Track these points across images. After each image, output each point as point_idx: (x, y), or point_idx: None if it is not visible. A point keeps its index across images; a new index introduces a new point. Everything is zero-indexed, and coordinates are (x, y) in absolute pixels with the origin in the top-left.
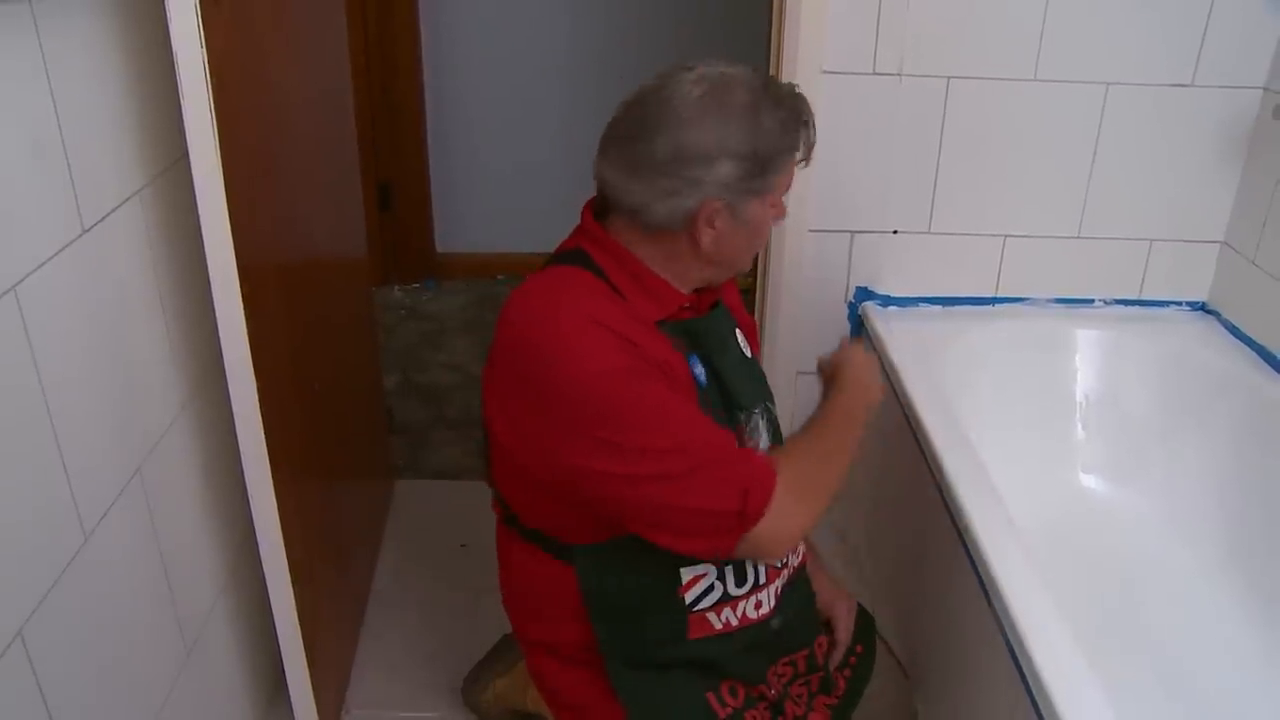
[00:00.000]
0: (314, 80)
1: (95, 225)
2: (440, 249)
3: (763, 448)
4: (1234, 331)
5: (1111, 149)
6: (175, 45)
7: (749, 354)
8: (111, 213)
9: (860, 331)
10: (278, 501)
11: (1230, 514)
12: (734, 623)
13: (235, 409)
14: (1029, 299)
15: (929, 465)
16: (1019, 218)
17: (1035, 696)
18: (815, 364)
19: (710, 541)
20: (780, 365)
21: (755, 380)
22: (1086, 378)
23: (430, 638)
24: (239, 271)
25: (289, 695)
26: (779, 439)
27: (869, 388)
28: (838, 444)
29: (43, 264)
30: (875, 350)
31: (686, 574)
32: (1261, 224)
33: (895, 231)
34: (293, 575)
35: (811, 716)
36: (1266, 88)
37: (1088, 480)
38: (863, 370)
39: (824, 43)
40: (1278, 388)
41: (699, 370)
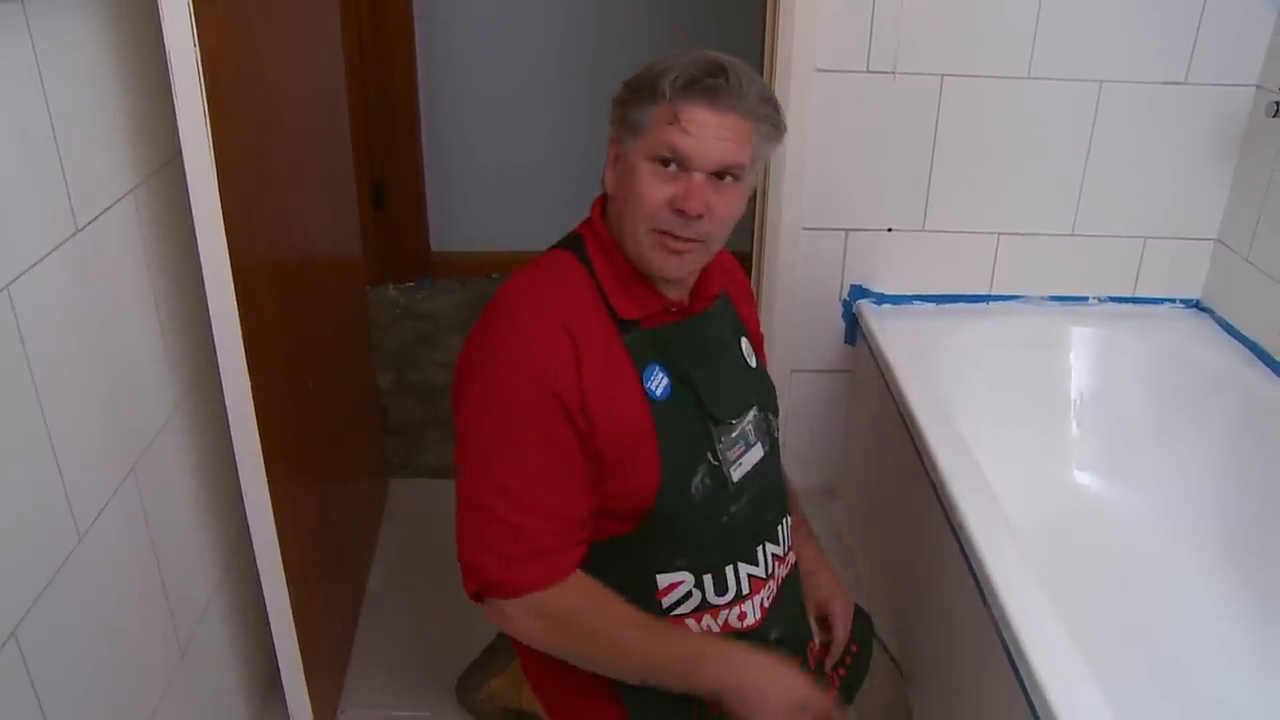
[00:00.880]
0: (308, 79)
1: (88, 224)
2: (435, 248)
3: (748, 457)
4: (1227, 329)
5: (1105, 147)
6: (168, 44)
7: (754, 364)
8: (105, 212)
9: (855, 329)
10: (272, 501)
11: (1224, 511)
12: (715, 630)
13: (229, 408)
14: (1023, 296)
15: (924, 463)
16: (1013, 215)
17: (1030, 693)
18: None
19: (464, 572)
20: (775, 364)
21: (747, 390)
22: (1081, 375)
23: (425, 637)
24: (233, 270)
25: (283, 694)
26: (775, 448)
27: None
28: (640, 663)
29: (36, 263)
30: (870, 349)
31: (662, 580)
32: (1255, 221)
33: (890, 229)
34: (287, 574)
35: None
36: (1260, 85)
37: (1082, 477)
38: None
39: (818, 41)
40: (1271, 385)
41: (658, 382)
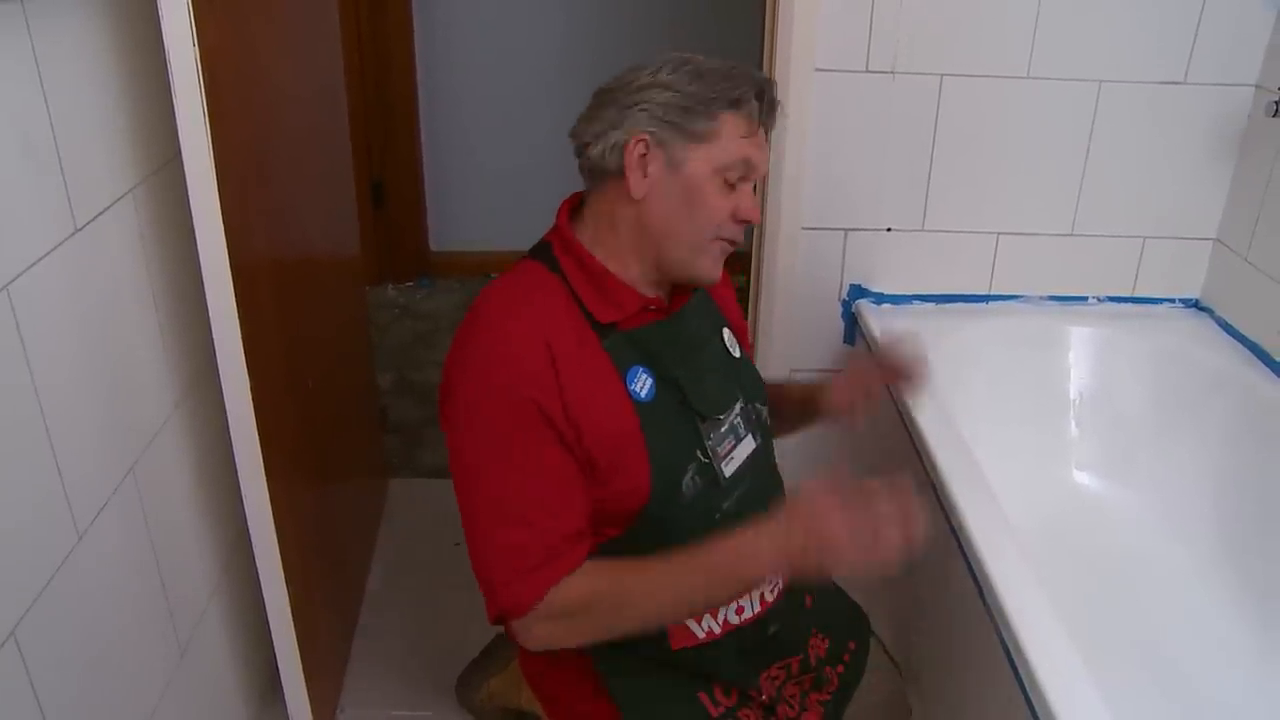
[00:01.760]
0: (307, 78)
1: (88, 224)
2: (434, 247)
3: (739, 451)
4: (1227, 329)
5: (1105, 146)
6: (167, 44)
7: (737, 353)
8: (104, 211)
9: (854, 329)
10: (271, 500)
11: (1224, 511)
12: (716, 630)
13: (229, 408)
14: (1022, 296)
15: (923, 462)
16: (1012, 215)
17: (1029, 693)
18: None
19: (484, 595)
20: (774, 364)
21: (733, 382)
22: (1080, 375)
23: (424, 637)
24: (232, 270)
25: (283, 694)
26: (768, 438)
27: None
28: (681, 596)
29: (35, 263)
30: (870, 348)
31: None
32: (1254, 221)
33: (889, 229)
34: (286, 574)
35: (805, 716)
36: (1259, 85)
37: (1081, 477)
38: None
39: (817, 41)
40: (1271, 385)
41: (642, 384)
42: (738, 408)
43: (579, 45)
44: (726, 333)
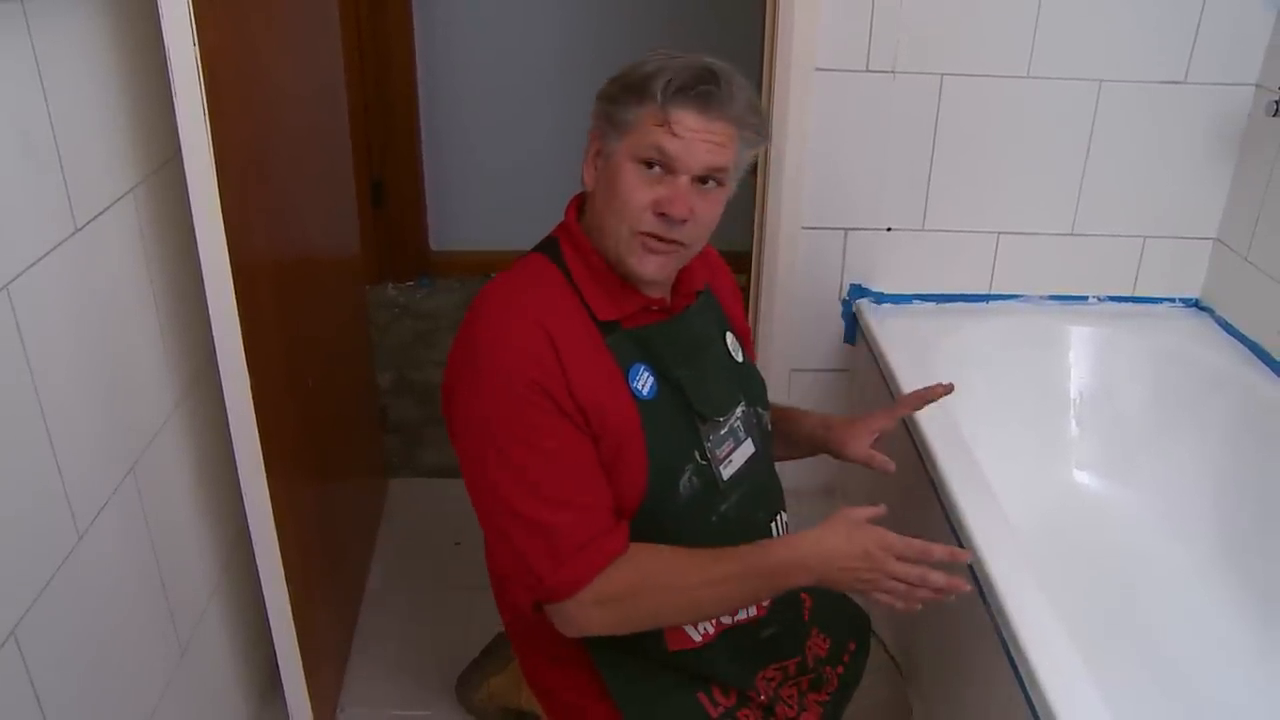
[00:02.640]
0: (307, 77)
1: (88, 224)
2: (434, 246)
3: (738, 454)
4: (1227, 328)
5: (1105, 146)
6: (167, 43)
7: (740, 358)
8: (104, 211)
9: (854, 328)
10: (271, 500)
11: (1224, 510)
12: (711, 631)
13: (229, 407)
14: (1023, 296)
15: (924, 462)
16: (1013, 215)
17: (1030, 692)
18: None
19: (518, 588)
20: (774, 363)
21: (736, 385)
22: (1080, 374)
23: (424, 636)
24: (232, 270)
25: (283, 693)
26: (768, 443)
27: (831, 563)
28: (724, 592)
29: (35, 263)
30: (870, 348)
31: None
32: (1254, 221)
33: (889, 229)
34: (286, 574)
35: (804, 717)
36: (1259, 84)
37: (1081, 477)
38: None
39: (817, 40)
40: (1270, 384)
41: (644, 382)
42: (739, 411)
43: (579, 45)
44: (730, 337)
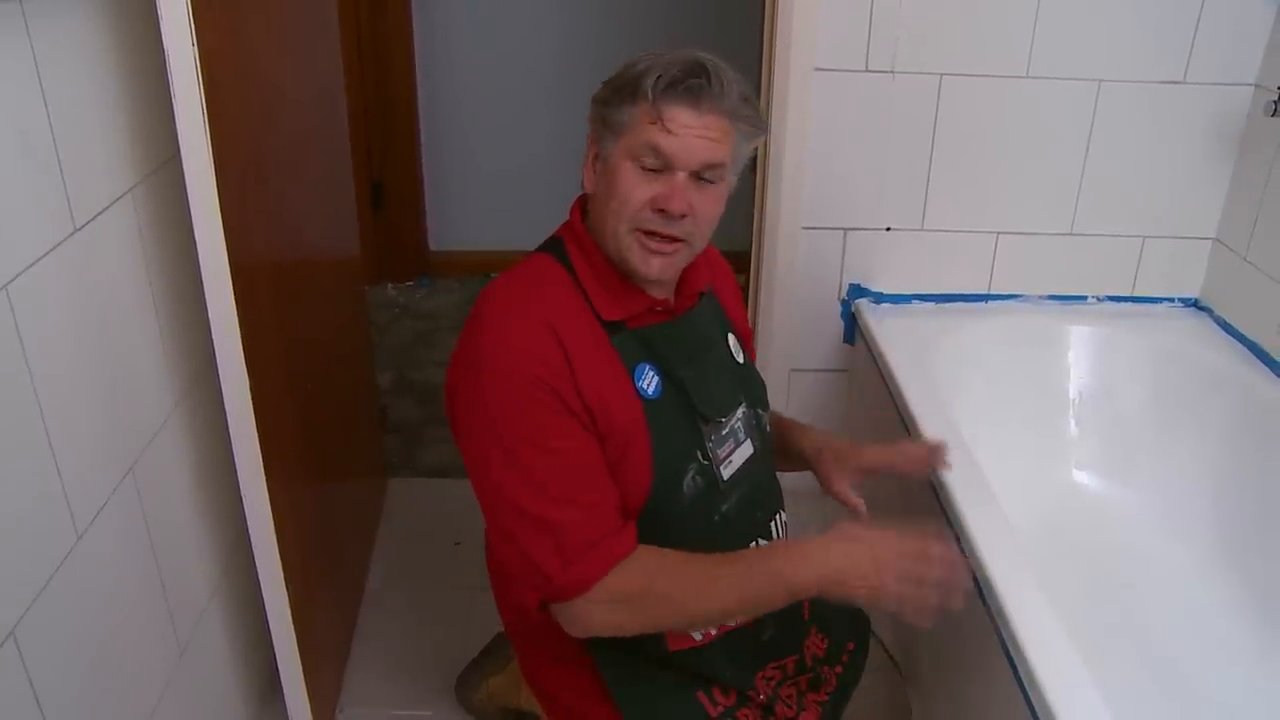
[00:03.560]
0: (306, 78)
1: (87, 224)
2: (433, 247)
3: (738, 455)
4: (1226, 328)
5: (1104, 146)
6: (166, 44)
7: (742, 359)
8: (103, 211)
9: (853, 328)
10: (271, 500)
11: (1223, 510)
12: (713, 631)
13: (228, 408)
14: (1022, 296)
15: None
16: (1012, 214)
17: (1029, 692)
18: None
19: (525, 587)
20: (773, 363)
21: (737, 387)
22: (1079, 374)
23: (424, 636)
24: (231, 270)
25: (283, 694)
26: (767, 444)
27: (851, 578)
28: (733, 594)
29: (34, 263)
30: (869, 348)
31: None
32: (1253, 220)
33: (888, 229)
34: (286, 574)
35: (803, 716)
36: (1258, 84)
37: (1081, 476)
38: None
39: (816, 40)
40: (1269, 384)
41: (649, 381)
42: (740, 412)
43: (578, 46)
44: (732, 338)
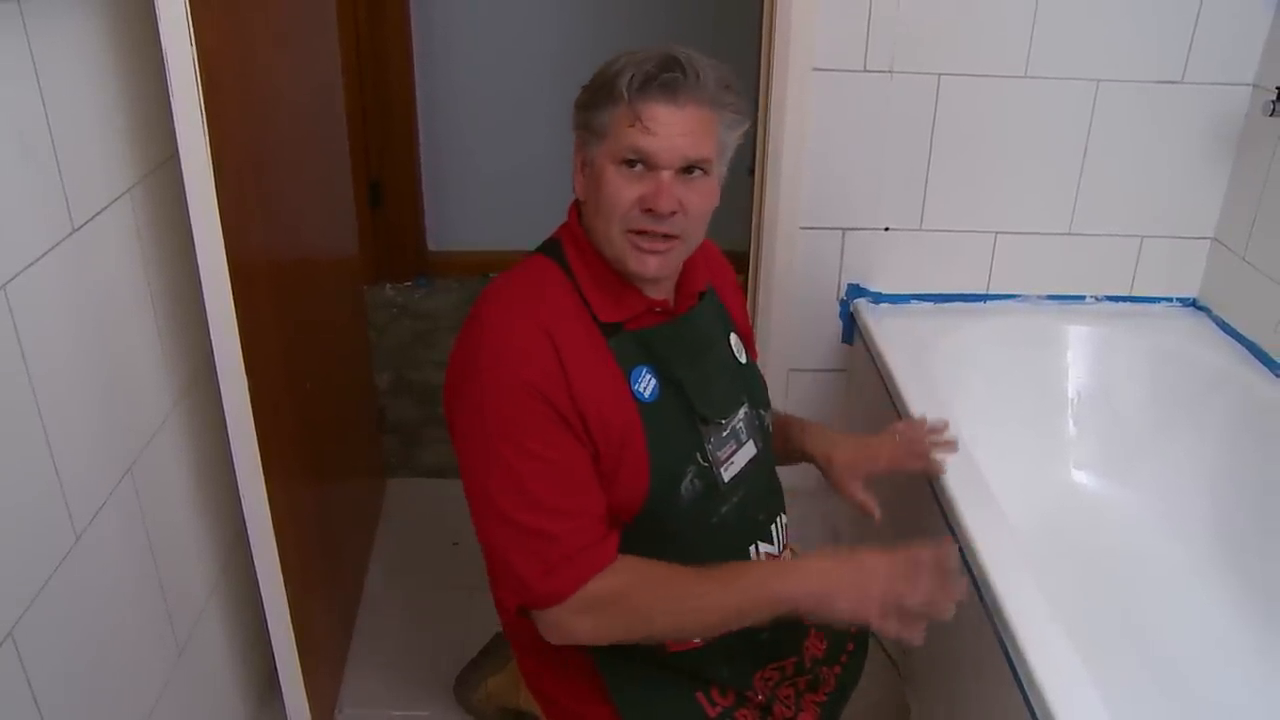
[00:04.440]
0: (305, 78)
1: (85, 224)
2: (432, 247)
3: (740, 456)
4: (1224, 327)
5: (1102, 146)
6: (165, 43)
7: (743, 359)
8: (101, 211)
9: (852, 328)
10: (269, 500)
11: (1222, 510)
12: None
13: (226, 408)
14: (1020, 295)
15: None
16: (1010, 214)
17: (1028, 692)
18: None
19: (505, 591)
20: (772, 363)
21: (739, 387)
22: (1078, 374)
23: (423, 636)
24: (230, 270)
25: (281, 694)
26: (769, 444)
27: (845, 598)
28: (713, 611)
29: (32, 263)
30: (868, 348)
31: None
32: (1251, 220)
33: (887, 229)
34: (285, 574)
35: (801, 717)
36: (1256, 84)
37: (1079, 476)
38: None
39: (815, 41)
40: (1268, 384)
41: (645, 384)
42: (742, 413)
43: (577, 46)
44: (733, 337)
